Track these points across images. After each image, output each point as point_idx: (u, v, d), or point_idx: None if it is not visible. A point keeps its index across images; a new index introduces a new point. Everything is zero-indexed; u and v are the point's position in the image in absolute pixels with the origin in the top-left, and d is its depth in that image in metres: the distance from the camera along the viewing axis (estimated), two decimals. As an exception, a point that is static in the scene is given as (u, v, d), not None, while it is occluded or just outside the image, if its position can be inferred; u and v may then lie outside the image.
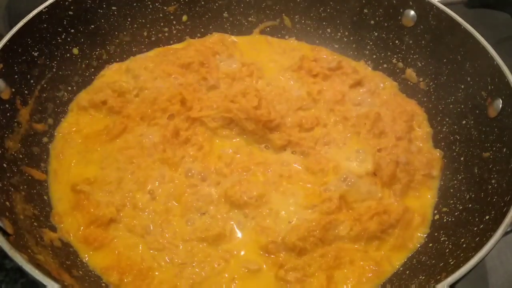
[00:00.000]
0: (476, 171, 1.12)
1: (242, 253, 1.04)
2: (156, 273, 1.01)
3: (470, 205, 1.07)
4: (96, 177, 1.13)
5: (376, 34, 1.42)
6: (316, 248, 1.03)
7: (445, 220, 1.10)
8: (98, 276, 1.00)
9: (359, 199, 1.10)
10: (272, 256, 1.02)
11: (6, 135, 1.09)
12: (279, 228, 1.06)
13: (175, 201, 1.10)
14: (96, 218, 1.06)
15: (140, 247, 1.04)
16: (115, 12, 1.38)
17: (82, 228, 1.06)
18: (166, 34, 1.48)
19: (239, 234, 1.06)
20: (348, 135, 1.23)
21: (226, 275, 1.00)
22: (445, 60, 1.27)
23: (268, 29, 1.53)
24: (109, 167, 1.15)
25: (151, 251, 1.03)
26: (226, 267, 1.01)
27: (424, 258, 1.04)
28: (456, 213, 1.09)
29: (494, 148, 1.09)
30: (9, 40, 1.11)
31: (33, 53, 1.19)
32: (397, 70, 1.40)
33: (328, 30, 1.49)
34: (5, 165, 1.05)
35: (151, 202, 1.10)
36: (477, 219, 1.01)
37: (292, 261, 1.02)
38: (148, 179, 1.12)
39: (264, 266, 1.02)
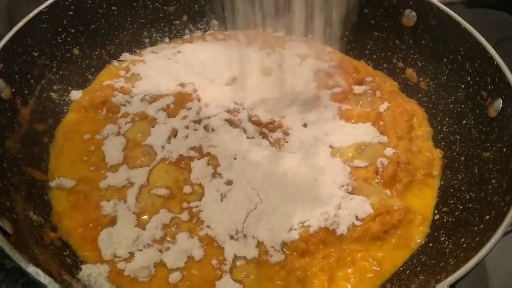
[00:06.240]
0: (476, 171, 1.12)
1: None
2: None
3: (470, 205, 1.07)
4: (96, 177, 1.13)
5: (376, 34, 1.42)
6: (318, 250, 1.03)
7: (445, 220, 1.10)
8: (98, 276, 1.00)
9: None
10: (274, 256, 1.02)
11: (6, 135, 1.09)
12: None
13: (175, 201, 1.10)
14: (94, 218, 1.06)
15: (140, 247, 1.04)
16: (115, 12, 1.38)
17: (81, 227, 1.05)
18: (167, 34, 1.49)
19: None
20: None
21: (227, 275, 1.00)
22: (445, 60, 1.27)
23: (268, 28, 1.53)
24: (109, 167, 1.15)
25: (151, 251, 1.03)
26: (227, 267, 1.00)
27: (424, 258, 1.04)
28: (456, 213, 1.09)
29: (494, 148, 1.09)
30: (9, 40, 1.11)
31: (33, 53, 1.19)
32: (397, 70, 1.41)
33: (328, 30, 1.49)
34: (5, 165, 1.05)
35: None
36: (477, 219, 1.01)
37: (294, 262, 1.01)
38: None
39: (266, 266, 1.01)
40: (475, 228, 0.99)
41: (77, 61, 1.33)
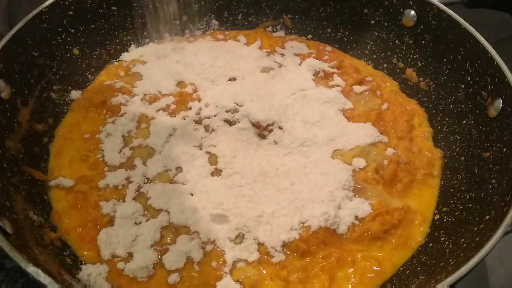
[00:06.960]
0: (476, 171, 1.12)
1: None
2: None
3: (470, 205, 1.07)
4: (95, 177, 1.13)
5: (376, 34, 1.42)
6: (319, 250, 1.03)
7: (445, 220, 1.10)
8: (98, 276, 1.00)
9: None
10: (275, 257, 1.02)
11: (6, 135, 1.09)
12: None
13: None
14: (93, 218, 1.06)
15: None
16: (115, 12, 1.38)
17: (80, 227, 1.05)
18: (167, 33, 1.48)
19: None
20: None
21: (227, 276, 1.00)
22: (445, 60, 1.27)
23: (268, 28, 1.53)
24: (109, 167, 1.15)
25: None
26: (227, 269, 1.00)
27: (424, 258, 1.04)
28: (456, 213, 1.09)
29: (494, 148, 1.09)
30: (9, 40, 1.11)
31: (33, 53, 1.19)
32: (397, 70, 1.41)
33: (328, 30, 1.49)
34: (5, 165, 1.05)
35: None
36: (477, 219, 1.01)
37: (295, 262, 1.01)
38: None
39: (267, 267, 1.01)
40: (475, 228, 0.99)
41: (77, 61, 1.33)
